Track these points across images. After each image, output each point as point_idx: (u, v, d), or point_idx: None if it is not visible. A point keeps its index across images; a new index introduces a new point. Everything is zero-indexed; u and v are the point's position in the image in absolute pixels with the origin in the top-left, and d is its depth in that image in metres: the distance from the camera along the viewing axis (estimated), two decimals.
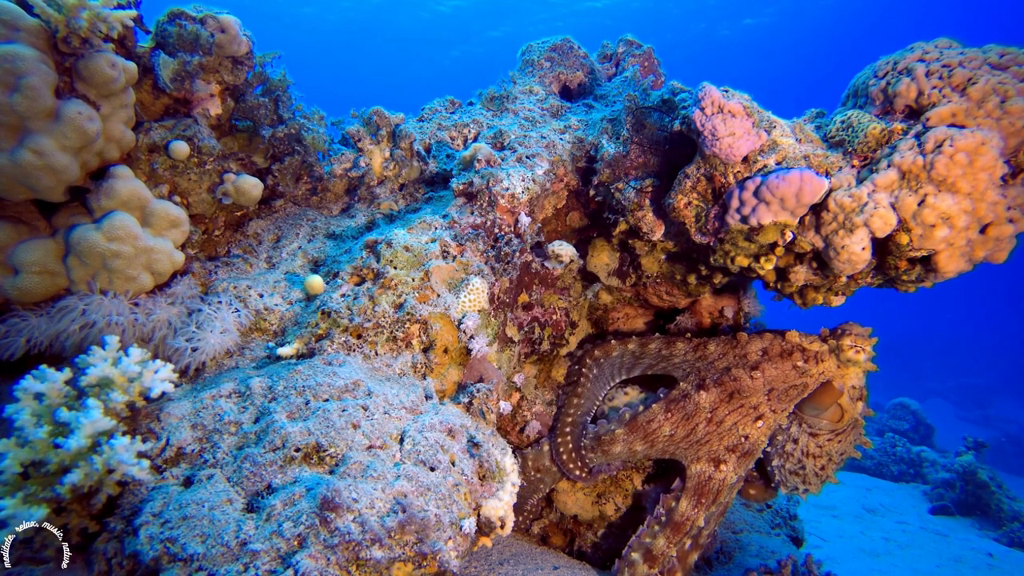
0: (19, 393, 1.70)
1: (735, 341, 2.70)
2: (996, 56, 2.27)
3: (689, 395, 2.66)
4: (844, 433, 2.75)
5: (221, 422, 1.91)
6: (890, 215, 2.13)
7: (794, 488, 2.85)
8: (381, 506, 1.63)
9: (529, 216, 2.76)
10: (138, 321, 2.20)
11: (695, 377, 2.70)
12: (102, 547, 1.69)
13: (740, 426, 2.61)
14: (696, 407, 2.63)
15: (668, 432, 2.65)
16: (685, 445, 2.65)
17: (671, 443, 2.67)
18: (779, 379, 2.58)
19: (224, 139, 2.82)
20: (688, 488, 2.62)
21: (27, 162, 1.93)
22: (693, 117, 2.41)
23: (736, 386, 2.59)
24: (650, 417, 2.68)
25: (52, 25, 1.99)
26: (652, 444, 2.68)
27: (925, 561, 6.54)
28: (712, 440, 2.62)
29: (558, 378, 3.08)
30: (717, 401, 2.62)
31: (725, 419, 2.61)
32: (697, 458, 2.63)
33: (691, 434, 2.63)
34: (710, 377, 2.65)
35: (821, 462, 2.78)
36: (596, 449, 2.74)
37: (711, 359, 2.71)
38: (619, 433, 2.69)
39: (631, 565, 2.57)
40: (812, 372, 2.57)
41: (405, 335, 2.27)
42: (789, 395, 2.59)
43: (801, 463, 2.78)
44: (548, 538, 3.06)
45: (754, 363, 2.60)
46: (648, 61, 4.04)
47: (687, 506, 2.60)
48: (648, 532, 2.61)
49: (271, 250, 2.85)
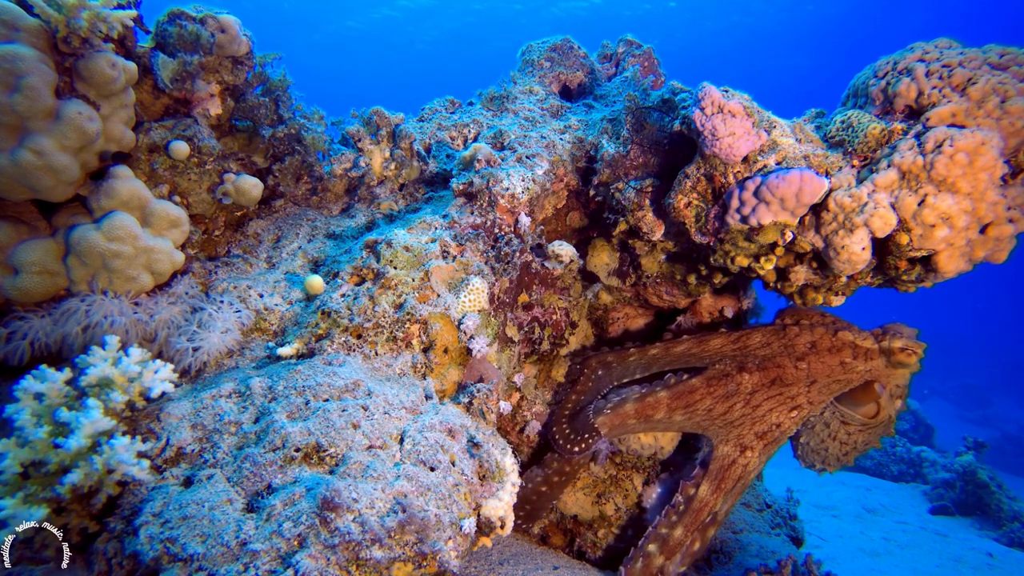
0: (19, 393, 1.70)
1: (783, 333, 2.68)
2: (996, 56, 2.27)
3: (730, 375, 2.64)
4: (875, 428, 2.78)
5: (221, 422, 1.91)
6: (890, 215, 2.13)
7: (810, 464, 2.91)
8: (381, 506, 1.63)
9: (529, 216, 2.76)
10: (140, 321, 2.20)
11: (734, 362, 2.68)
12: (102, 547, 1.69)
13: (775, 413, 2.61)
14: (737, 387, 2.62)
15: (708, 406, 2.63)
16: (720, 423, 2.64)
17: (708, 418, 2.64)
18: (823, 372, 2.58)
19: (224, 139, 2.82)
20: (711, 471, 2.60)
21: (27, 162, 1.93)
22: (693, 117, 2.41)
23: (779, 373, 2.59)
24: (692, 387, 2.65)
25: (52, 25, 1.99)
26: (690, 416, 2.65)
27: (925, 561, 6.53)
28: (745, 424, 2.62)
29: (558, 378, 3.08)
30: (758, 385, 2.61)
31: (762, 404, 2.61)
32: (726, 439, 2.62)
33: (727, 413, 2.62)
34: (752, 362, 2.64)
35: (846, 449, 2.83)
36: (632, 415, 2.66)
37: (752, 348, 2.69)
38: (663, 397, 2.64)
39: (647, 556, 2.54)
40: (859, 369, 2.57)
41: (405, 335, 2.27)
42: (831, 389, 2.61)
43: (826, 445, 2.82)
44: (548, 538, 3.06)
45: (800, 354, 2.60)
46: (648, 61, 4.04)
47: (707, 491, 2.58)
48: (666, 522, 2.59)
49: (271, 250, 2.85)
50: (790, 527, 3.95)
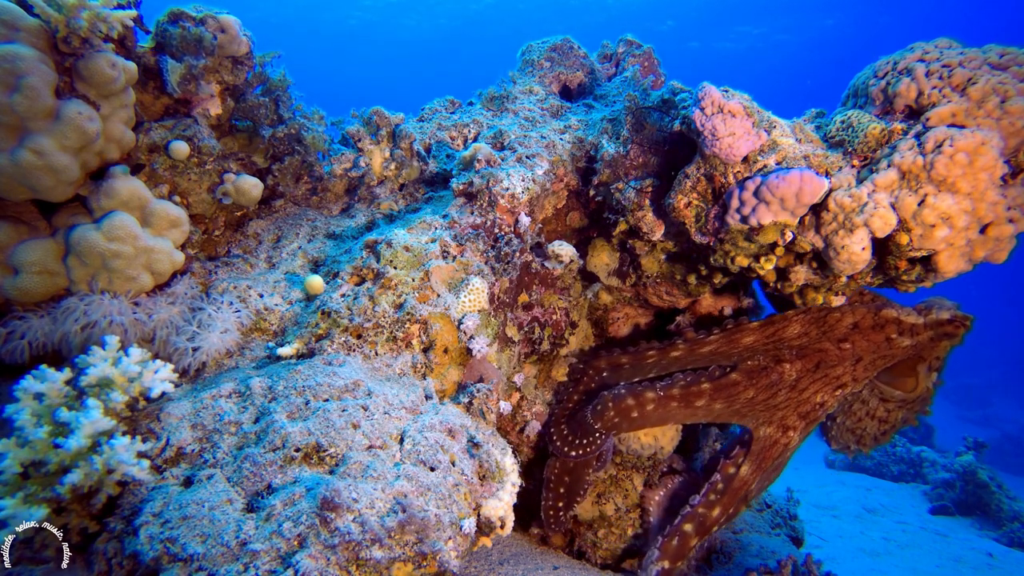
0: (19, 393, 1.71)
1: (823, 320, 2.65)
2: (996, 56, 2.27)
3: (769, 367, 2.62)
4: (913, 403, 2.79)
5: (221, 422, 1.92)
6: (890, 215, 2.13)
7: (844, 446, 2.90)
8: (381, 506, 1.63)
9: (529, 216, 2.76)
10: (140, 321, 2.20)
11: (767, 356, 2.66)
12: (102, 547, 1.69)
13: (819, 394, 2.61)
14: (780, 377, 2.60)
15: (750, 396, 2.62)
16: (761, 408, 2.63)
17: (749, 406, 2.64)
18: (868, 350, 2.58)
19: (224, 139, 2.82)
20: (752, 451, 2.60)
21: (27, 162, 1.93)
22: (693, 117, 2.41)
23: (821, 357, 2.59)
24: (734, 381, 2.63)
25: (52, 25, 1.99)
26: (731, 404, 2.65)
27: (925, 561, 6.53)
28: (789, 407, 2.61)
29: (558, 378, 3.08)
30: (802, 372, 2.61)
31: (808, 388, 2.61)
32: (769, 422, 2.62)
33: (771, 399, 2.62)
34: (788, 353, 2.63)
35: (884, 427, 2.83)
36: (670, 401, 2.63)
37: (788, 340, 2.66)
38: (706, 388, 2.63)
39: (683, 536, 2.53)
40: (904, 344, 2.57)
41: (405, 335, 2.27)
42: (876, 365, 2.60)
43: (863, 424, 2.82)
44: (548, 538, 3.06)
45: (842, 336, 2.60)
46: (648, 61, 4.04)
47: (747, 471, 2.59)
48: (704, 502, 2.58)
49: (271, 250, 2.85)
50: (790, 527, 3.96)
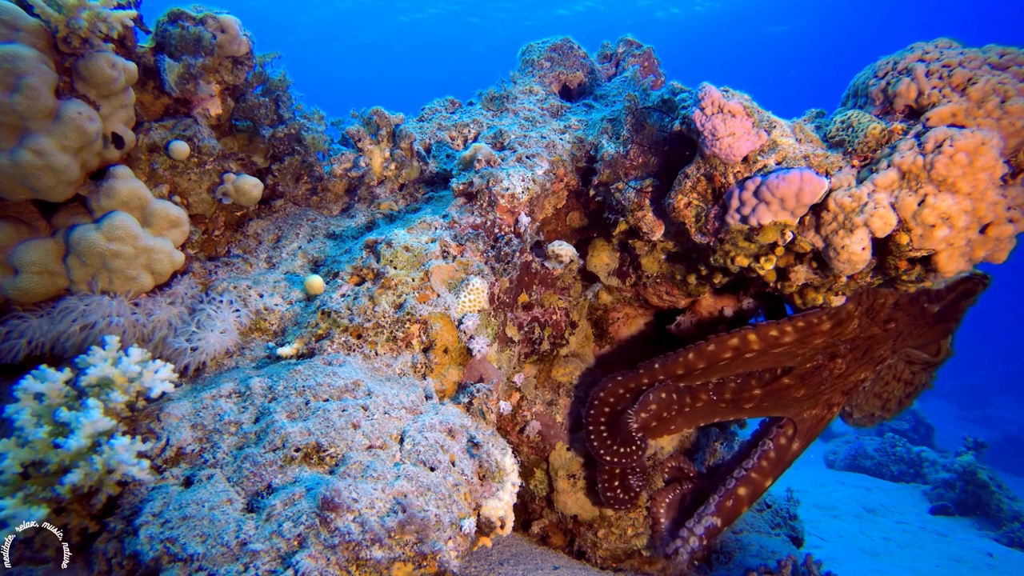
0: (19, 393, 1.71)
1: (872, 310, 2.72)
2: (996, 56, 2.27)
3: (823, 366, 2.70)
4: (934, 366, 2.92)
5: (221, 422, 1.91)
6: (890, 215, 2.13)
7: (868, 414, 3.02)
8: (381, 506, 1.63)
9: (529, 216, 2.76)
10: (139, 321, 2.20)
11: (826, 353, 2.73)
12: (102, 547, 1.69)
13: (862, 372, 2.71)
14: (831, 373, 2.69)
15: (800, 394, 2.71)
16: (806, 398, 2.72)
17: (795, 402, 2.72)
18: (907, 323, 2.70)
19: (224, 139, 2.82)
20: (800, 430, 2.71)
21: (27, 162, 1.93)
22: (693, 117, 2.41)
23: (870, 344, 2.68)
24: (785, 385, 2.70)
25: (52, 25, 1.99)
26: (779, 401, 2.75)
27: (925, 561, 6.53)
28: (835, 389, 2.72)
29: (558, 378, 3.08)
30: (850, 361, 2.69)
31: (854, 372, 2.71)
32: (814, 405, 2.72)
33: (817, 389, 2.70)
34: (843, 347, 2.70)
35: (909, 389, 2.97)
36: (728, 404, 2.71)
37: (847, 335, 2.72)
38: (757, 394, 2.73)
39: (737, 499, 2.59)
40: (935, 311, 2.69)
41: (405, 335, 2.27)
42: (912, 336, 2.72)
43: (891, 387, 2.95)
44: (548, 538, 3.06)
45: (887, 317, 2.68)
46: (648, 61, 4.04)
47: (799, 446, 2.71)
48: (758, 468, 2.65)
49: (271, 250, 2.85)
50: (790, 527, 3.96)
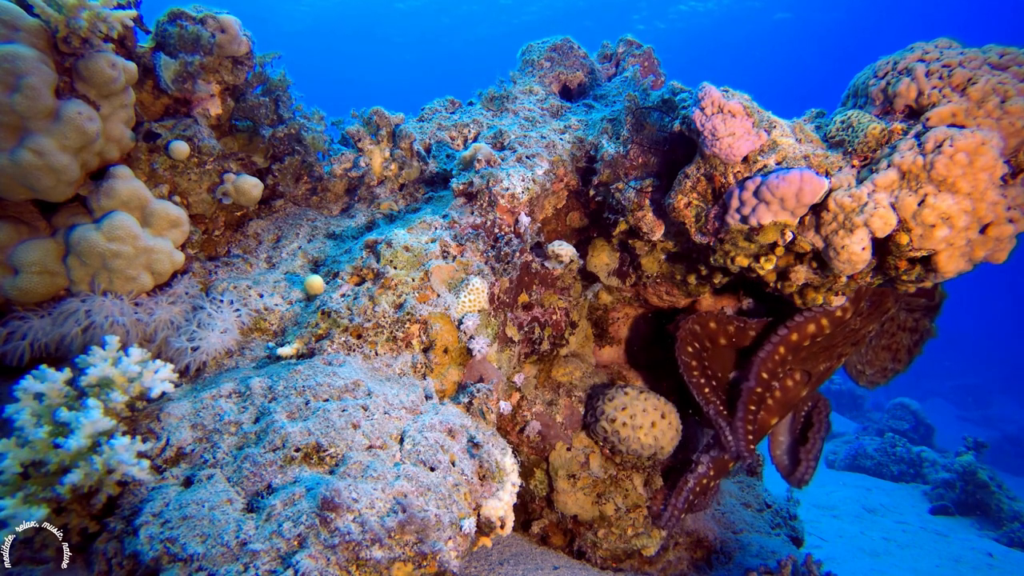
0: (19, 393, 1.71)
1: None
2: (996, 56, 2.27)
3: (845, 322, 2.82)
4: (932, 311, 3.01)
5: (221, 422, 1.91)
6: (890, 215, 2.13)
7: (880, 369, 3.12)
8: (381, 506, 1.63)
9: (529, 216, 2.76)
10: (140, 321, 2.20)
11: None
12: (102, 547, 1.69)
13: (871, 324, 2.80)
14: (846, 328, 2.78)
15: (817, 350, 2.81)
16: (821, 351, 2.83)
17: (812, 357, 2.84)
18: None
19: (224, 139, 2.82)
20: (812, 381, 2.90)
21: (27, 162, 1.93)
22: (693, 117, 2.41)
23: (882, 296, 2.76)
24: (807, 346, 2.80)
25: (52, 25, 1.99)
26: (800, 360, 2.86)
27: (925, 561, 6.53)
28: (847, 342, 2.83)
29: (558, 378, 3.07)
30: (866, 317, 2.79)
31: (864, 326, 2.80)
32: (829, 359, 2.87)
33: (831, 345, 2.82)
34: (864, 303, 2.81)
35: (915, 336, 3.07)
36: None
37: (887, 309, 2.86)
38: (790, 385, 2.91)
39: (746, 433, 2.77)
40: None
41: (405, 335, 2.27)
42: None
43: (897, 337, 3.05)
44: (548, 538, 3.06)
45: None
46: (648, 61, 4.04)
47: (805, 394, 2.92)
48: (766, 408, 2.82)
49: (271, 250, 2.85)
50: (790, 527, 3.95)
